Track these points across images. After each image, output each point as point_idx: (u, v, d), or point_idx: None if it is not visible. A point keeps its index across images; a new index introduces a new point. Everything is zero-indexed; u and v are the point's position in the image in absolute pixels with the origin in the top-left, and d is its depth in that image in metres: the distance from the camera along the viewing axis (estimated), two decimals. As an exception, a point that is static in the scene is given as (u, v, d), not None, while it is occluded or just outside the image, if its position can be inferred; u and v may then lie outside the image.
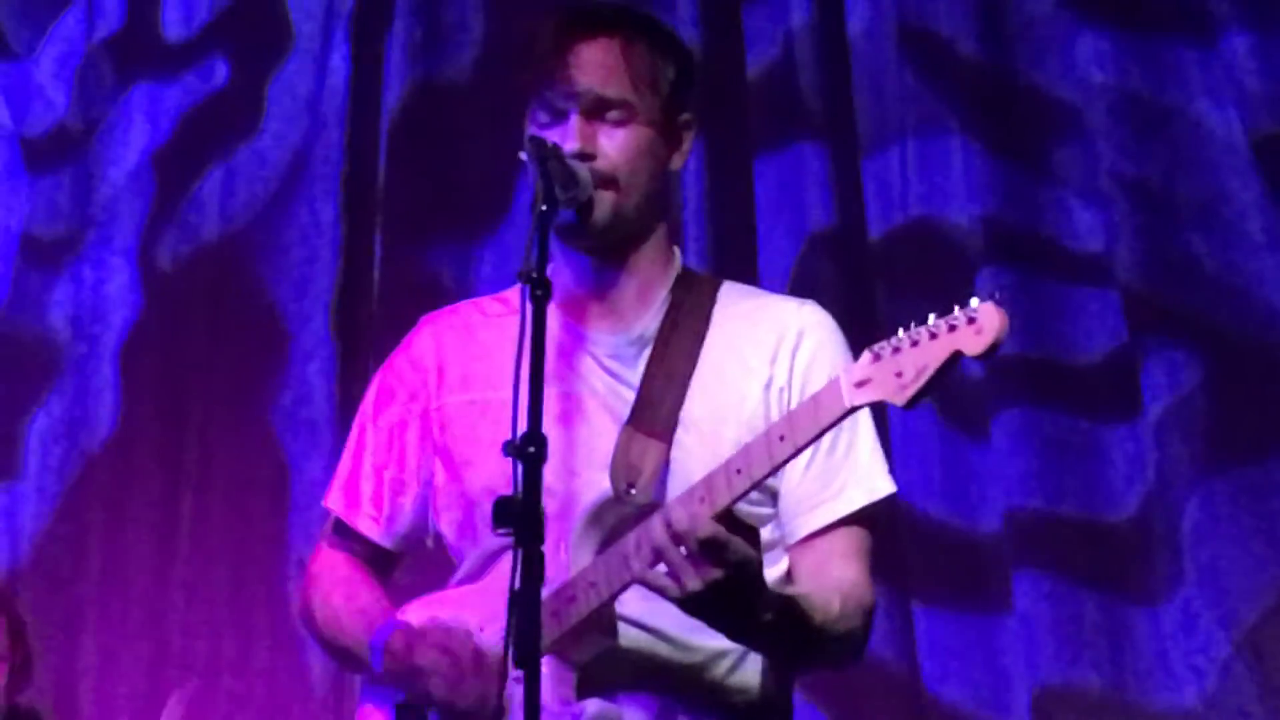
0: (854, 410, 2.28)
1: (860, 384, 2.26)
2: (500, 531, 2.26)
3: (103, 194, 4.98)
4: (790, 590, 2.51)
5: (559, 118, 2.59)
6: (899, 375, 2.22)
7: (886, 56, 4.41)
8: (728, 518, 2.34)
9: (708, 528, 2.27)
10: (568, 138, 2.55)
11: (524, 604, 2.20)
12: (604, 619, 2.43)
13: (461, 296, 2.88)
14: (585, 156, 2.55)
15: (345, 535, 2.78)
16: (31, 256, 4.99)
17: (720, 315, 2.67)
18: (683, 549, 2.29)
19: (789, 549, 2.61)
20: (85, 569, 4.76)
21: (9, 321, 4.94)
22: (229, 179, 4.90)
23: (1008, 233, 4.22)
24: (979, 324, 2.18)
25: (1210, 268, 4.11)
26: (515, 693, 2.21)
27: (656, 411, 2.56)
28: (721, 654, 2.53)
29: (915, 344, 2.22)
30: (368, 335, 4.64)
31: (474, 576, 2.64)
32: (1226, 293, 4.08)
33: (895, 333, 2.25)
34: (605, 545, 2.45)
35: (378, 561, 2.78)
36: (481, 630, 2.53)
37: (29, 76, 5.10)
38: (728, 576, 2.28)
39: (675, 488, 2.47)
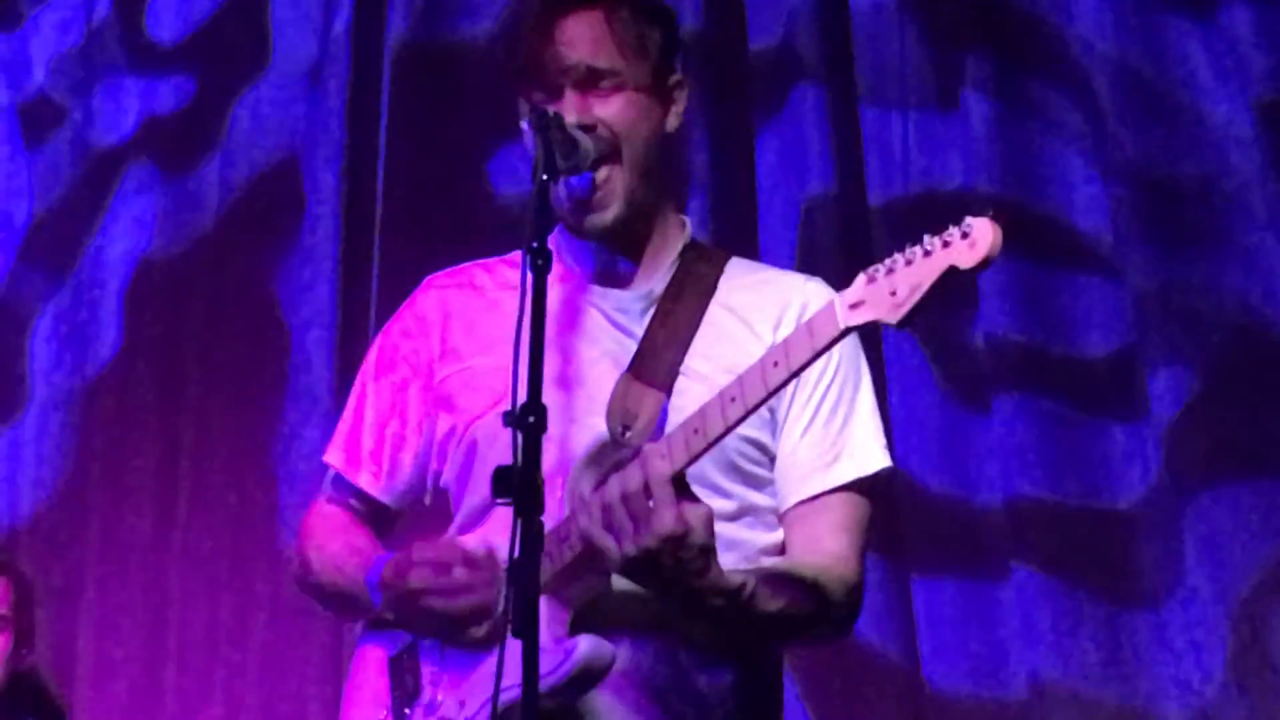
0: (848, 331, 2.28)
1: (854, 306, 2.26)
2: (499, 502, 2.25)
3: (100, 163, 4.98)
4: (763, 568, 2.51)
5: (553, 95, 2.60)
6: (893, 294, 2.22)
7: (889, 27, 4.40)
8: (681, 488, 2.34)
9: (658, 475, 2.29)
10: (565, 112, 2.56)
11: (522, 574, 2.20)
12: (597, 562, 2.42)
13: (462, 261, 2.87)
14: (585, 128, 2.56)
15: (344, 491, 2.80)
16: (34, 224, 5.00)
17: (727, 283, 2.69)
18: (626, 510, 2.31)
19: (782, 515, 2.62)
20: (84, 535, 4.77)
21: (10, 290, 4.95)
22: (228, 146, 4.90)
23: (1008, 206, 4.21)
24: (972, 238, 2.18)
25: (1212, 243, 4.10)
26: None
27: (658, 363, 2.58)
28: None
29: (910, 263, 2.22)
30: (368, 304, 4.64)
31: (471, 526, 2.65)
32: (1229, 271, 4.07)
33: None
34: (599, 488, 2.44)
35: (375, 519, 2.79)
36: None
37: (28, 44, 5.10)
38: (663, 550, 2.29)
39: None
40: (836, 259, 4.19)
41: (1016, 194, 4.23)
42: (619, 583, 2.44)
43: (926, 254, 2.21)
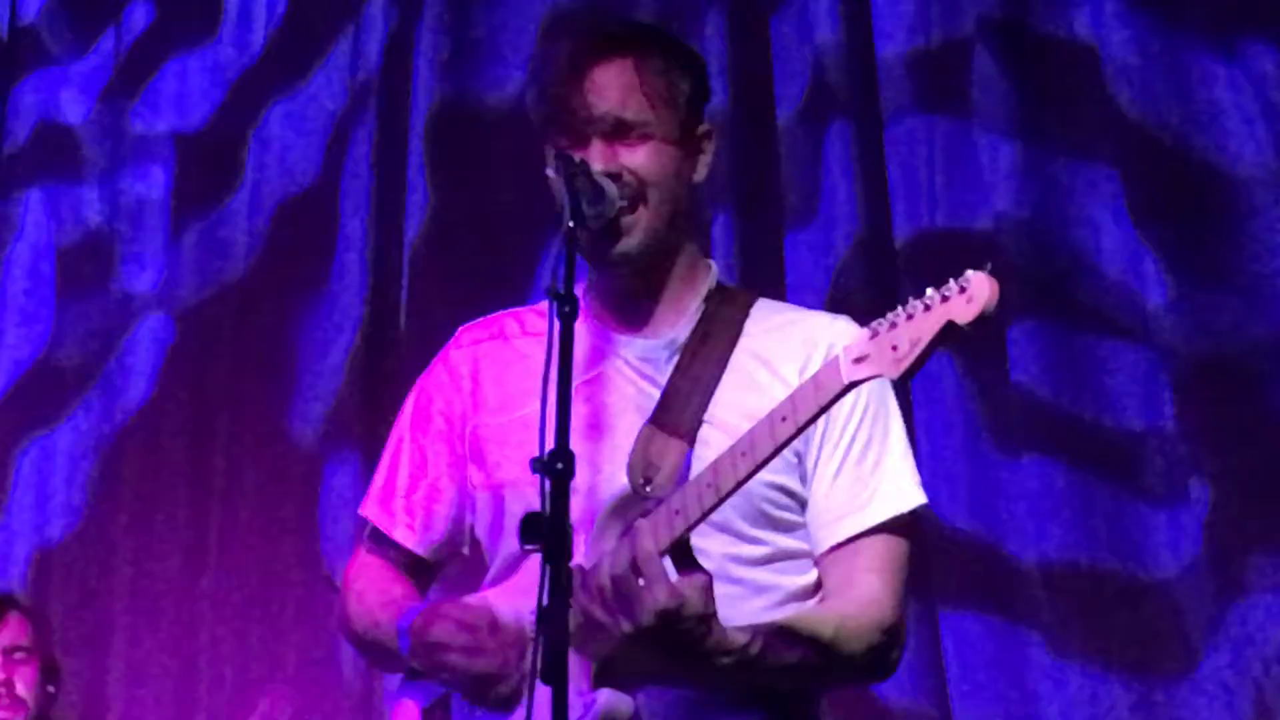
0: (852, 386, 2.28)
1: (858, 360, 2.27)
2: (528, 548, 2.26)
3: (128, 210, 5.01)
4: (774, 623, 2.49)
5: (580, 143, 2.60)
6: (894, 349, 2.23)
7: (914, 74, 4.41)
8: (681, 554, 2.35)
9: (620, 570, 2.31)
10: (592, 160, 2.56)
11: (551, 620, 2.20)
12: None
13: (491, 311, 2.88)
14: (611, 176, 2.56)
15: (382, 543, 2.80)
16: (63, 271, 5.03)
17: (753, 327, 2.68)
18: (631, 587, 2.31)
19: (817, 560, 2.61)
20: (114, 582, 4.78)
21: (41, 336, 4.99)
22: (256, 192, 4.93)
23: (1035, 251, 4.21)
24: (969, 293, 2.19)
25: (1239, 283, 4.08)
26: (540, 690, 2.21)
27: (681, 412, 2.57)
28: None
29: (911, 317, 2.23)
30: (396, 347, 4.65)
31: (503, 577, 2.65)
32: (1259, 314, 4.05)
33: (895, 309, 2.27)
34: (598, 564, 2.44)
35: (414, 570, 2.80)
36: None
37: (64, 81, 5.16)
38: (659, 625, 2.30)
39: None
40: (863, 300, 4.19)
41: (1043, 235, 4.22)
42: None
43: (926, 308, 2.22)
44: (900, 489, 2.61)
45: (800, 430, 2.32)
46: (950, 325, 2.20)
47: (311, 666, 4.54)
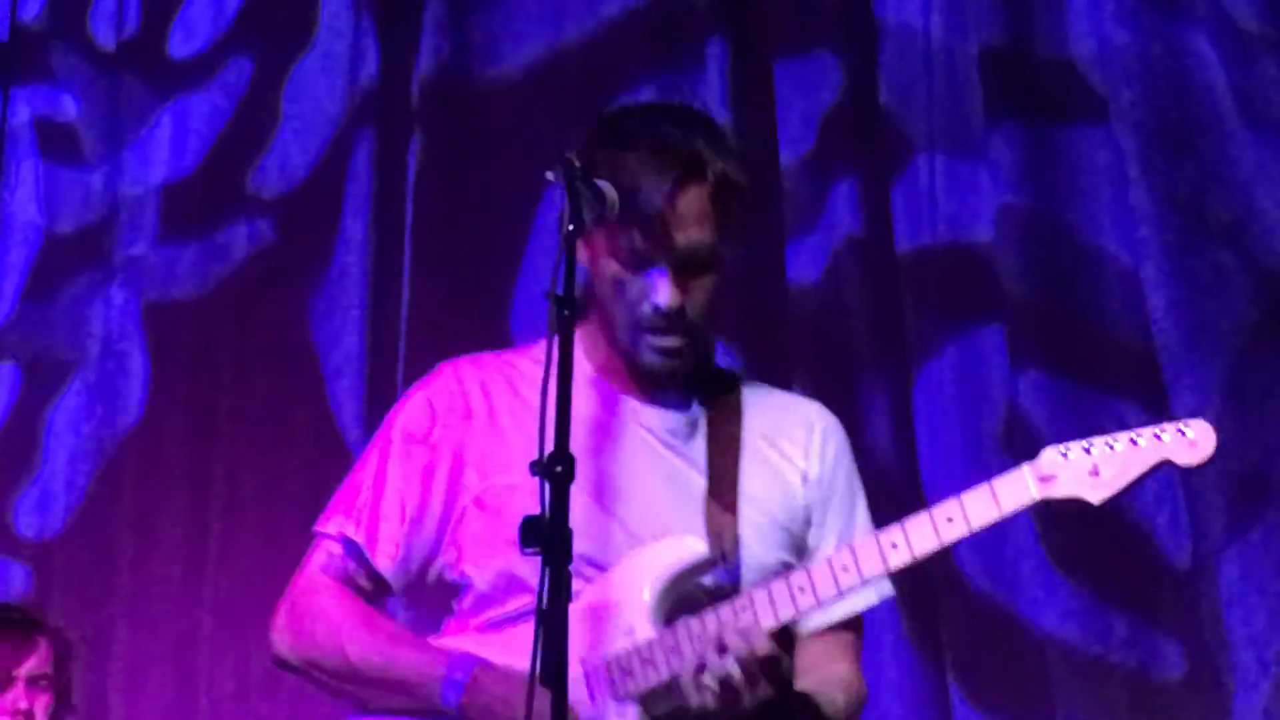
0: (1046, 503, 2.40)
1: (1045, 479, 2.40)
2: (528, 551, 2.25)
3: (129, 211, 5.02)
4: (804, 687, 2.62)
5: (645, 264, 2.58)
6: (1094, 473, 2.38)
7: (917, 81, 4.41)
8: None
9: (767, 647, 2.39)
10: (659, 292, 2.57)
11: (550, 623, 2.21)
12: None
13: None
14: (679, 312, 2.58)
15: (351, 565, 2.74)
16: (61, 272, 5.03)
17: (750, 407, 2.73)
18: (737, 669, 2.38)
19: (800, 638, 2.69)
20: (113, 590, 4.77)
21: (42, 339, 4.98)
22: (256, 196, 4.93)
23: (1037, 258, 4.21)
24: (1194, 440, 2.36)
25: (1241, 282, 4.08)
26: None
27: (723, 489, 2.63)
28: None
29: (1111, 447, 2.39)
30: (398, 354, 4.65)
31: (492, 630, 2.62)
32: (1260, 311, 4.05)
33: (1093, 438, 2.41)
34: (677, 610, 2.51)
35: (371, 597, 2.75)
36: None
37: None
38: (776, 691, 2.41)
39: (747, 560, 2.58)
40: (862, 308, 4.20)
41: (1047, 245, 4.22)
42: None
43: (1133, 443, 2.38)
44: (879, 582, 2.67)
45: (972, 532, 2.45)
46: (1166, 462, 2.38)
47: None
